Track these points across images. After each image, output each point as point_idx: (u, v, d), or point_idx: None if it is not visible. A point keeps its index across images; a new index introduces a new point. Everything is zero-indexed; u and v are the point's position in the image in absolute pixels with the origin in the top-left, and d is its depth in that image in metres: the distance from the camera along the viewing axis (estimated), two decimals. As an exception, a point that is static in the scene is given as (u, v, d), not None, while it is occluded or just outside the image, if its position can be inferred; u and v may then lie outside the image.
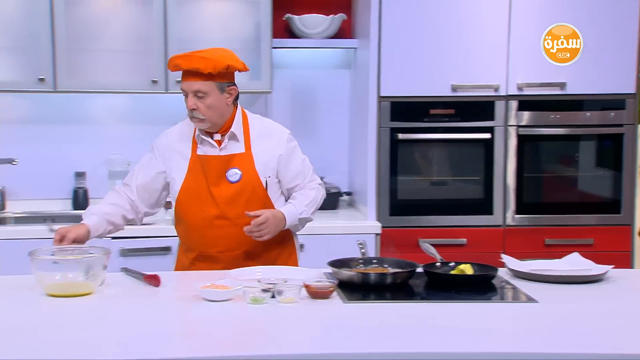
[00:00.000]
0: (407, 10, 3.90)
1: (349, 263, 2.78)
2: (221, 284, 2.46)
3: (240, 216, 2.87)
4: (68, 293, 2.46)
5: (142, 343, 2.07)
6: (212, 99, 2.84)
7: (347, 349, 2.05)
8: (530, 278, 2.73)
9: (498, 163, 4.00)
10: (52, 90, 3.94)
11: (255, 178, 2.91)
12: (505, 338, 2.19)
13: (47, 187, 4.25)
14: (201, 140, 2.93)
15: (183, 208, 2.94)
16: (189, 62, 2.81)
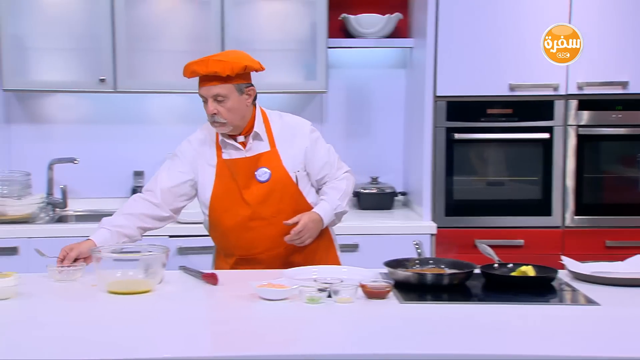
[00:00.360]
0: (464, 8, 3.86)
1: (405, 263, 2.76)
2: (278, 283, 2.48)
3: (275, 214, 2.88)
4: (128, 290, 2.50)
5: (200, 341, 2.10)
6: (232, 102, 2.82)
7: (403, 350, 2.04)
8: (591, 280, 2.68)
9: (557, 163, 3.93)
10: (112, 91, 4.01)
11: (284, 174, 2.91)
12: (566, 341, 2.14)
13: (106, 186, 4.33)
14: (225, 144, 2.91)
15: (216, 214, 2.92)
16: (206, 67, 2.78)
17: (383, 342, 2.13)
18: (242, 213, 2.89)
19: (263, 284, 2.47)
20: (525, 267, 2.69)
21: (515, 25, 3.88)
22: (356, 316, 2.33)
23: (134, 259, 2.56)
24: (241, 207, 2.89)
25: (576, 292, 2.59)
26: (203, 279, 2.66)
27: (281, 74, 4.14)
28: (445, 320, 2.31)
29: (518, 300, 2.48)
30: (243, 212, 2.89)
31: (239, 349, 2.04)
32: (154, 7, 4.06)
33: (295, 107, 4.41)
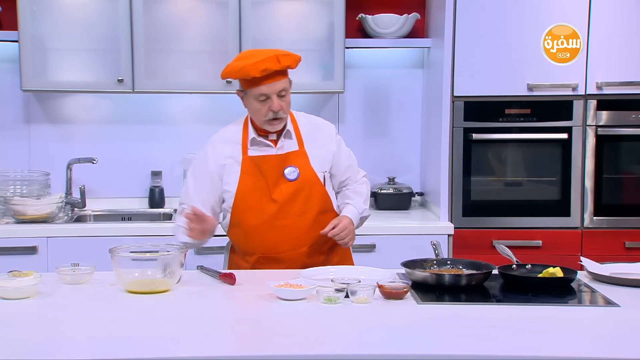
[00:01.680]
0: (482, 8, 3.85)
1: (422, 264, 2.76)
2: (295, 283, 2.48)
3: (301, 214, 2.88)
4: (146, 290, 2.51)
5: (218, 340, 2.10)
6: (289, 96, 2.86)
7: (422, 351, 2.04)
8: (610, 282, 2.66)
9: (576, 164, 3.91)
10: (130, 91, 4.03)
11: (312, 175, 2.90)
12: (585, 342, 2.13)
13: (124, 186, 4.36)
14: (255, 142, 2.89)
15: (240, 211, 2.89)
16: (279, 62, 2.77)
17: (401, 342, 2.13)
18: (268, 211, 2.87)
19: (280, 284, 2.47)
20: (553, 269, 2.67)
21: (533, 25, 3.85)
22: (374, 317, 2.33)
23: (152, 258, 2.57)
24: (268, 205, 2.87)
25: (595, 293, 2.57)
26: (220, 278, 2.67)
27: (299, 74, 4.08)
28: (464, 321, 2.30)
29: (537, 302, 2.47)
30: (270, 210, 2.87)
31: (257, 348, 2.04)
32: (172, 7, 4.07)
33: (312, 107, 4.42)
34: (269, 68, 2.76)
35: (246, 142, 2.90)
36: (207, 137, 4.32)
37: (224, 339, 2.10)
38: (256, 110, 2.84)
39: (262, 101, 2.81)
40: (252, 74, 2.76)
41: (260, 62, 2.76)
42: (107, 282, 2.62)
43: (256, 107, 2.83)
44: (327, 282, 2.52)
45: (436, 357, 2.01)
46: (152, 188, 4.31)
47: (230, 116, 4.33)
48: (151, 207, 4.30)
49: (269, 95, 2.80)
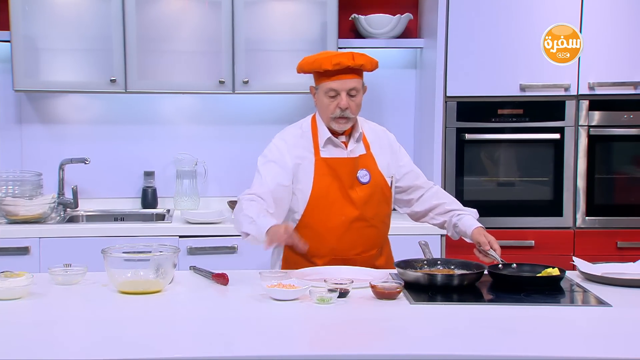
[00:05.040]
0: (474, 9, 3.86)
1: (413, 264, 2.76)
2: (288, 284, 2.48)
3: (374, 216, 2.89)
4: (139, 290, 2.51)
5: (211, 341, 2.10)
6: (360, 98, 2.87)
7: (415, 350, 2.04)
8: (602, 281, 2.67)
9: (568, 164, 3.92)
10: (122, 91, 4.02)
11: (381, 178, 2.93)
12: (577, 342, 2.14)
13: (117, 186, 4.35)
14: (327, 142, 2.88)
15: (316, 212, 2.85)
16: (353, 60, 2.80)
17: (394, 342, 2.13)
18: (347, 213, 2.86)
19: (273, 284, 2.48)
20: (550, 269, 2.68)
21: (525, 25, 3.86)
22: (366, 317, 2.33)
23: (145, 259, 2.57)
24: (347, 207, 2.86)
25: (587, 293, 2.58)
26: (213, 279, 2.67)
27: (291, 74, 4.10)
28: (456, 321, 2.30)
29: (529, 301, 2.47)
30: (349, 212, 2.86)
31: (249, 349, 2.04)
32: (164, 8, 4.07)
33: (305, 108, 4.41)
34: (342, 63, 2.79)
35: (317, 143, 2.89)
36: (199, 137, 4.37)
37: (217, 340, 2.10)
38: (325, 106, 2.85)
39: (331, 97, 2.83)
40: (324, 67, 2.80)
41: (335, 56, 2.81)
42: (99, 283, 2.62)
43: (325, 102, 2.85)
44: (320, 282, 2.52)
45: (430, 357, 2.01)
46: (145, 188, 4.30)
47: (222, 116, 4.38)
48: (144, 207, 4.29)
49: (338, 92, 2.82)
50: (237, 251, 3.82)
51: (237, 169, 4.39)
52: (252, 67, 4.05)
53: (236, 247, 3.82)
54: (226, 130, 4.40)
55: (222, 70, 4.03)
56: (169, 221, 3.99)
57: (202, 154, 4.36)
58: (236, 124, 4.40)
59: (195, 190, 4.32)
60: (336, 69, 2.79)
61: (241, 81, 4.03)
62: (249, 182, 4.34)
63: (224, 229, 3.86)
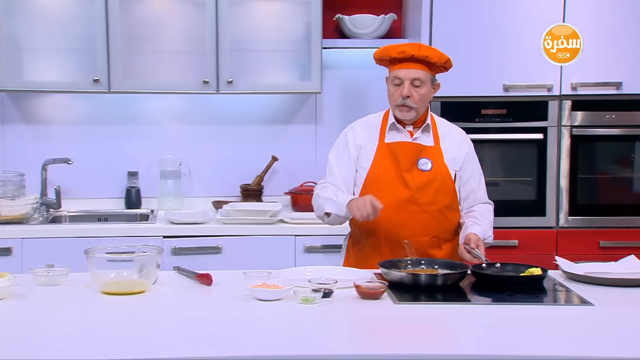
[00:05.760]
0: (458, 9, 3.87)
1: (397, 264, 2.77)
2: (272, 284, 2.48)
3: (430, 203, 2.96)
4: (122, 291, 2.50)
5: (194, 341, 2.09)
6: (425, 90, 2.97)
7: (399, 350, 2.05)
8: (585, 281, 2.69)
9: (551, 164, 3.94)
10: (106, 91, 4.01)
11: (445, 170, 3.00)
12: (560, 341, 2.15)
13: (101, 186, 4.33)
14: (393, 127, 3.02)
15: (371, 192, 2.93)
16: (419, 50, 2.93)
17: (377, 342, 2.13)
18: (399, 194, 2.95)
19: (257, 284, 2.47)
20: (533, 269, 2.70)
21: (509, 26, 3.88)
22: (350, 316, 2.33)
23: (128, 259, 2.56)
24: (400, 188, 2.96)
25: (570, 292, 2.59)
26: (197, 279, 2.66)
27: (276, 74, 4.14)
28: (440, 321, 2.31)
29: (512, 301, 2.48)
30: (401, 193, 2.95)
31: (233, 349, 2.04)
32: (148, 7, 4.05)
33: (290, 108, 4.42)
34: (407, 51, 2.93)
35: (384, 128, 3.03)
36: (183, 137, 4.37)
37: (200, 340, 2.10)
38: (390, 94, 3.01)
39: (396, 85, 2.98)
40: (390, 54, 2.97)
41: (401, 45, 2.98)
42: (82, 284, 2.60)
43: (391, 90, 3.00)
44: (304, 282, 2.52)
45: (413, 356, 2.02)
46: (129, 189, 4.29)
47: (206, 116, 4.37)
48: (128, 207, 4.27)
49: (402, 80, 2.95)
50: (222, 251, 3.82)
51: (222, 169, 4.39)
52: (237, 67, 4.05)
53: (220, 247, 3.82)
54: (210, 131, 4.39)
55: (206, 70, 4.02)
56: (152, 221, 3.97)
57: (187, 154, 4.35)
58: (220, 124, 4.39)
59: (180, 190, 4.30)
60: (401, 57, 2.94)
61: (225, 81, 4.03)
62: (234, 181, 4.39)
63: (209, 229, 3.86)
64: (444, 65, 3.00)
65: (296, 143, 4.40)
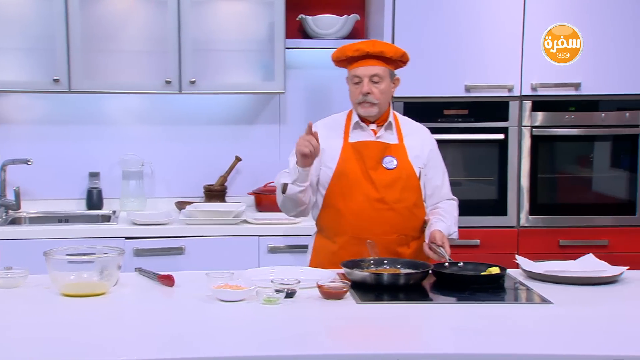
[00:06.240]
0: (420, 10, 3.89)
1: (360, 264, 2.78)
2: (235, 284, 2.47)
3: (396, 201, 2.97)
4: (82, 293, 2.47)
5: (156, 343, 2.08)
6: (385, 85, 3.00)
7: (360, 350, 2.05)
8: (544, 279, 2.72)
9: (512, 164, 3.98)
10: (66, 91, 3.96)
11: (410, 167, 3.02)
12: (520, 339, 2.18)
13: (61, 187, 4.27)
14: (356, 127, 3.03)
15: (338, 191, 2.98)
16: (374, 46, 2.96)
17: (339, 342, 2.14)
18: (366, 193, 2.97)
19: (220, 285, 2.46)
20: (492, 268, 2.73)
21: (470, 27, 3.91)
22: (313, 317, 2.33)
23: (89, 261, 2.53)
24: (367, 187, 2.97)
25: (530, 291, 2.62)
26: (159, 280, 2.64)
27: (239, 74, 4.13)
28: (402, 320, 2.32)
29: (473, 300, 2.51)
30: (368, 192, 2.97)
31: (195, 350, 2.03)
32: (109, 7, 4.01)
33: (253, 108, 4.41)
34: (362, 49, 2.97)
35: (348, 127, 3.05)
36: (145, 138, 4.33)
37: (161, 341, 2.08)
38: (351, 92, 3.04)
39: (355, 83, 3.01)
40: (346, 53, 3.00)
41: (357, 43, 3.02)
42: (42, 286, 2.57)
43: (351, 89, 3.04)
44: (266, 282, 2.51)
45: (375, 356, 2.03)
46: (90, 189, 4.24)
47: (168, 117, 4.34)
48: (89, 208, 4.23)
49: (361, 78, 2.97)
50: (185, 252, 3.80)
51: (185, 169, 4.36)
52: (199, 67, 4.03)
53: (184, 248, 3.79)
54: (173, 131, 4.36)
55: (168, 70, 4.00)
56: (114, 222, 3.94)
57: (149, 154, 4.31)
58: (183, 124, 4.37)
59: (142, 191, 4.27)
60: (357, 55, 2.98)
61: (188, 81, 4.00)
62: (197, 182, 4.36)
63: (171, 229, 3.84)
64: (401, 59, 3.03)
65: (260, 143, 4.39)
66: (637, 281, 2.75)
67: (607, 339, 2.15)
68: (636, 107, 3.98)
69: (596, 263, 2.85)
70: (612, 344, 2.11)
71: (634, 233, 4.00)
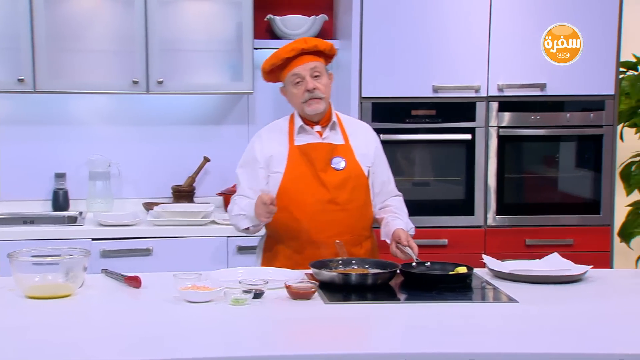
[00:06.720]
0: (388, 11, 3.91)
1: (328, 264, 2.78)
2: (202, 285, 2.46)
3: (348, 202, 2.96)
4: (47, 295, 2.44)
5: (122, 344, 2.07)
6: (326, 79, 3.00)
7: (327, 350, 2.05)
8: (510, 278, 2.75)
9: (479, 164, 4.01)
10: (31, 91, 3.92)
11: (358, 167, 3.01)
12: (486, 338, 2.19)
13: (26, 188, 4.22)
14: (301, 130, 3.00)
15: (289, 195, 2.95)
16: (306, 42, 2.96)
17: (307, 342, 2.14)
18: (319, 195, 2.95)
19: (187, 286, 2.45)
20: (459, 268, 2.75)
21: (438, 28, 3.93)
22: (281, 317, 2.33)
23: (54, 262, 2.50)
24: (318, 189, 2.96)
25: (497, 290, 2.65)
26: (125, 282, 2.62)
27: (207, 74, 4.11)
28: (369, 320, 2.33)
29: (440, 299, 2.52)
30: (320, 194, 2.95)
31: (162, 351, 2.01)
32: (75, 6, 3.98)
33: (222, 108, 4.39)
34: (296, 47, 2.95)
35: (293, 132, 3.01)
36: (112, 138, 4.30)
37: (127, 343, 2.07)
38: (294, 95, 2.99)
39: (297, 84, 2.97)
40: (282, 56, 2.96)
41: (289, 44, 2.98)
42: (6, 288, 2.53)
43: (293, 92, 2.99)
44: (235, 283, 2.51)
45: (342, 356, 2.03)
46: (56, 190, 4.20)
47: (135, 117, 4.31)
48: (55, 210, 4.18)
49: (303, 76, 2.95)
50: (153, 253, 3.77)
51: (153, 170, 4.34)
52: (167, 67, 4.01)
53: (151, 249, 3.77)
54: (141, 131, 4.33)
55: (136, 70, 3.97)
56: (81, 224, 3.90)
57: (116, 155, 4.28)
58: (151, 125, 4.34)
59: (109, 192, 4.24)
60: (293, 54, 2.95)
61: (155, 81, 3.98)
62: (165, 183, 4.33)
63: (139, 230, 3.81)
64: (330, 52, 3.03)
65: (228, 144, 4.38)
66: (601, 279, 2.78)
67: (572, 336, 2.17)
68: (600, 108, 4.03)
69: (561, 262, 2.88)
70: (576, 342, 2.13)
71: (598, 232, 4.06)
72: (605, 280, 2.80)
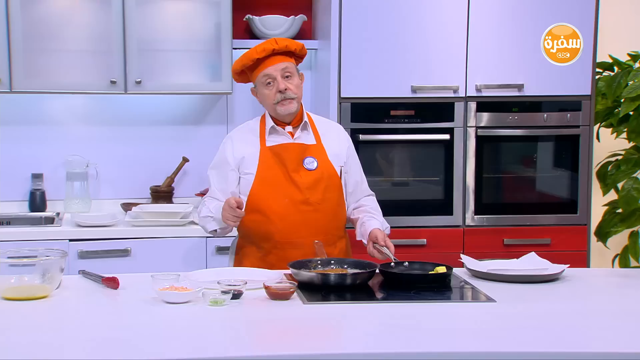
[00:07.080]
0: (367, 11, 3.91)
1: (307, 264, 2.78)
2: (181, 286, 2.45)
3: (320, 202, 2.97)
4: (24, 296, 2.43)
5: (99, 345, 2.05)
6: (297, 80, 3.01)
7: (306, 350, 2.05)
8: (488, 278, 2.77)
9: (457, 164, 4.03)
10: (8, 91, 3.88)
11: (330, 167, 3.02)
12: (464, 337, 2.21)
13: (2, 189, 4.18)
14: (272, 131, 3.00)
15: (262, 196, 2.95)
16: (276, 43, 2.95)
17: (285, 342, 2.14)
18: (291, 196, 2.95)
19: (165, 286, 2.44)
20: (439, 267, 2.76)
21: (417, 28, 3.95)
22: (259, 318, 2.33)
23: (30, 263, 2.48)
24: (291, 190, 2.96)
25: (475, 289, 2.66)
26: (103, 283, 2.61)
27: (186, 74, 4.10)
28: (349, 320, 2.34)
29: (419, 299, 2.53)
30: (292, 195, 2.95)
31: (140, 352, 2.00)
32: (52, 6, 3.94)
33: (200, 108, 4.38)
34: (267, 47, 2.94)
35: (264, 133, 3.01)
36: (90, 139, 4.27)
37: (105, 344, 2.06)
38: (266, 96, 2.98)
39: (268, 84, 2.96)
40: (252, 56, 2.95)
41: (259, 45, 2.97)
42: (-19, 290, 2.51)
43: (265, 93, 2.98)
44: (213, 284, 2.50)
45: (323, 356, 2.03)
46: (33, 191, 4.16)
47: (113, 117, 4.29)
48: (32, 210, 4.15)
49: (274, 77, 2.95)
50: (131, 254, 3.75)
51: (130, 170, 4.31)
52: (145, 67, 3.99)
53: (130, 250, 3.75)
54: (119, 131, 4.31)
55: (113, 70, 3.95)
56: (58, 224, 3.87)
57: (94, 155, 4.25)
58: (129, 125, 4.31)
59: (87, 192, 4.21)
60: (264, 55, 2.94)
61: (134, 81, 3.96)
62: (143, 183, 4.32)
63: (117, 231, 3.79)
64: (301, 52, 3.04)
65: (207, 144, 4.35)
66: (578, 279, 2.81)
67: (549, 335, 2.19)
68: (577, 108, 4.06)
69: (538, 261, 2.91)
70: (553, 340, 2.15)
71: (575, 232, 4.09)
72: (582, 279, 2.82)
